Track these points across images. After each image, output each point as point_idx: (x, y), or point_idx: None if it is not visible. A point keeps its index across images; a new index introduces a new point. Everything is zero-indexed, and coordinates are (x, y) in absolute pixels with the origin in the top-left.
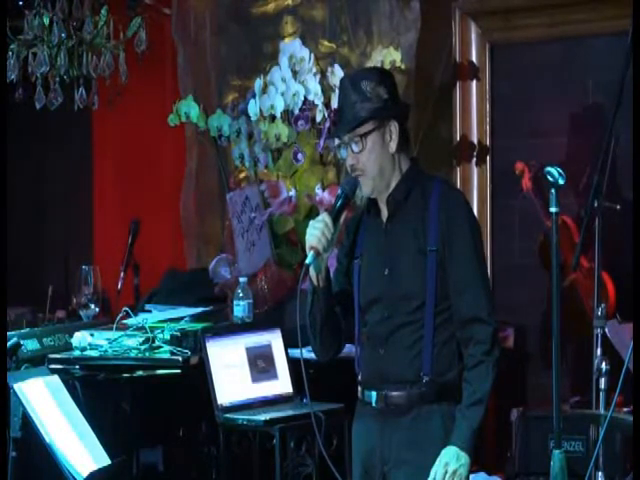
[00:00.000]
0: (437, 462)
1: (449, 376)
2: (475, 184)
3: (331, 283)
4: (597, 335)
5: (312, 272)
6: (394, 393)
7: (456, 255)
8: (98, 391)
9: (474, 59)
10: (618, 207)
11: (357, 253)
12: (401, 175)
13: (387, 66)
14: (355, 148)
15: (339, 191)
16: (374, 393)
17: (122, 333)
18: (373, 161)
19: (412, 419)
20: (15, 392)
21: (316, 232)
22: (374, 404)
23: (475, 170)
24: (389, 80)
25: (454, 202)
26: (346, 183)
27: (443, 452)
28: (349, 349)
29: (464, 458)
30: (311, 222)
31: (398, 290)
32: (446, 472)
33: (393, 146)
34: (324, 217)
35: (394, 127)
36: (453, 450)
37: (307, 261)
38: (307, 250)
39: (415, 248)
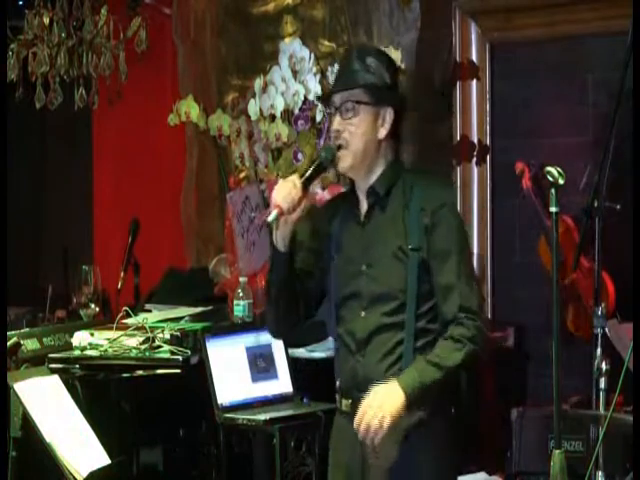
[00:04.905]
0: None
1: None
2: (475, 184)
3: (294, 254)
4: (597, 335)
5: (276, 235)
6: None
7: (441, 253)
8: (98, 391)
9: (474, 59)
10: (618, 207)
11: (332, 250)
12: (385, 165)
13: None
14: (346, 114)
15: (316, 156)
16: (351, 401)
17: (122, 333)
18: (360, 135)
19: None
20: (15, 392)
21: (283, 191)
22: (353, 414)
23: (475, 170)
24: (393, 68)
25: (437, 198)
26: (325, 151)
27: (381, 385)
28: None
29: (399, 398)
30: (280, 181)
31: (377, 288)
32: (373, 402)
33: (383, 132)
34: (294, 179)
35: (389, 114)
36: (392, 384)
37: (269, 219)
38: (271, 208)
39: (395, 246)
